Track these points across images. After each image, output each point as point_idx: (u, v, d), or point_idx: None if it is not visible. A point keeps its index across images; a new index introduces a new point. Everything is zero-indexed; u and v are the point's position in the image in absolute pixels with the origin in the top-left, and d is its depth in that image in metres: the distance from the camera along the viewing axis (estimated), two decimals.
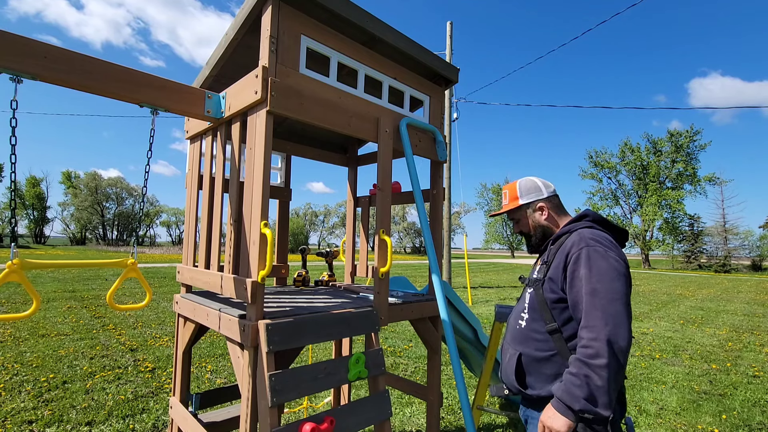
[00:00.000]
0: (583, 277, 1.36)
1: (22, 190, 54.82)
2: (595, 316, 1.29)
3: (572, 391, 1.26)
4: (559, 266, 1.46)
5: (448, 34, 14.04)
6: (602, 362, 1.24)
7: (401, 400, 3.84)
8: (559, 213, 1.67)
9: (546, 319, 1.46)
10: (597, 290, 1.32)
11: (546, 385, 1.44)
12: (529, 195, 1.68)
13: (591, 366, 1.25)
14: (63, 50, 1.44)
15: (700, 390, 4.47)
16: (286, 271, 2.90)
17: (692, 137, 40.58)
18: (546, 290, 1.48)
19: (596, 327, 1.28)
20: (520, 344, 1.53)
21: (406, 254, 67.36)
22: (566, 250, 1.45)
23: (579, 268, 1.38)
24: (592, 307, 1.31)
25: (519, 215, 1.71)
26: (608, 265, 1.35)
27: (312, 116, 1.73)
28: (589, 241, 1.41)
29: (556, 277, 1.46)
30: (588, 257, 1.37)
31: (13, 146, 1.40)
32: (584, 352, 1.28)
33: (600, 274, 1.34)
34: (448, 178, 13.54)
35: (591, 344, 1.27)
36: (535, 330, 1.49)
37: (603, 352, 1.24)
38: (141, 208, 1.94)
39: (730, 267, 36.27)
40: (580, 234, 1.47)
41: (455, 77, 2.48)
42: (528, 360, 1.49)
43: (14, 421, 3.19)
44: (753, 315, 10.04)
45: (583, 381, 1.25)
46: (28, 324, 6.43)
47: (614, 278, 1.33)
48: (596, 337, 1.26)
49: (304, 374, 1.50)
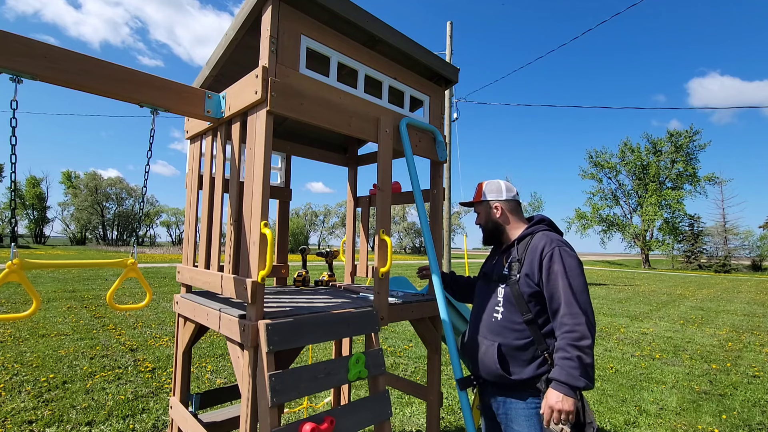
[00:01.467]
0: (558, 272, 1.58)
1: (22, 190, 54.79)
2: (574, 305, 1.52)
3: (572, 373, 1.45)
4: (533, 263, 1.66)
5: (448, 34, 14.04)
6: (588, 342, 1.47)
7: (401, 400, 3.84)
8: (513, 215, 1.89)
9: (522, 311, 1.65)
10: (572, 284, 1.55)
11: (524, 369, 1.63)
12: (490, 194, 1.92)
13: (580, 347, 1.46)
14: (63, 50, 1.44)
15: (700, 390, 4.47)
16: (286, 271, 2.90)
17: (692, 137, 40.59)
18: (522, 285, 1.67)
19: (577, 314, 1.51)
20: (497, 335, 1.70)
21: (406, 254, 67.34)
22: (538, 250, 1.66)
23: (553, 264, 1.60)
24: (571, 298, 1.53)
25: (479, 209, 1.96)
26: (576, 263, 1.61)
27: (312, 116, 1.73)
28: (558, 242, 1.66)
29: (531, 273, 1.65)
30: (560, 255, 1.61)
31: (13, 146, 1.39)
32: (572, 336, 1.48)
33: (571, 269, 1.58)
34: (448, 178, 13.54)
35: (576, 328, 1.49)
36: (512, 321, 1.67)
37: (587, 334, 1.48)
38: (141, 208, 1.94)
39: (730, 267, 36.28)
40: (547, 236, 1.70)
41: (455, 77, 2.48)
42: (507, 349, 1.66)
43: (14, 421, 3.19)
44: (753, 315, 10.03)
45: (577, 362, 1.45)
46: (28, 324, 6.43)
47: (581, 273, 1.60)
48: (579, 322, 1.49)
49: (304, 374, 1.50)
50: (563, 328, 1.51)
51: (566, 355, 1.47)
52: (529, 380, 1.62)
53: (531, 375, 1.61)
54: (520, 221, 1.89)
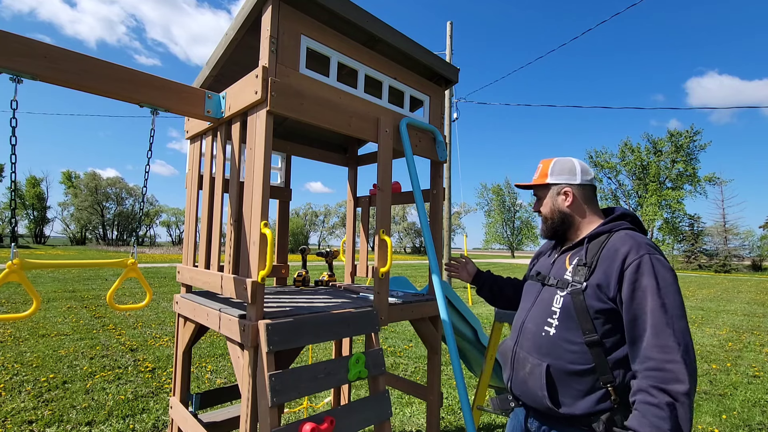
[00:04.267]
0: (648, 288, 1.21)
1: (22, 190, 54.82)
2: (667, 334, 1.15)
3: (659, 425, 1.10)
4: (610, 272, 1.27)
5: (448, 34, 14.04)
6: (684, 389, 1.10)
7: (401, 400, 3.85)
8: (588, 205, 1.49)
9: (585, 329, 1.28)
10: (666, 305, 1.18)
11: (576, 401, 1.28)
12: (560, 176, 1.50)
13: (672, 393, 1.11)
14: (63, 50, 1.44)
15: (700, 390, 4.47)
16: (286, 271, 2.90)
17: (692, 137, 40.59)
18: (590, 297, 1.29)
19: (670, 347, 1.14)
20: (547, 355, 1.34)
21: (406, 254, 67.36)
22: (620, 255, 1.28)
23: (641, 277, 1.22)
24: (663, 324, 1.17)
25: (543, 193, 1.55)
26: (673, 277, 1.23)
27: (312, 116, 1.73)
28: (648, 248, 1.27)
29: (606, 285, 1.27)
30: (651, 266, 1.23)
31: (13, 146, 1.39)
32: (661, 377, 1.13)
33: (666, 286, 1.20)
34: (448, 178, 13.55)
35: (667, 366, 1.13)
36: (569, 340, 1.31)
37: (684, 377, 1.11)
38: (141, 208, 1.94)
39: (730, 267, 36.28)
40: (633, 237, 1.31)
41: (455, 77, 2.48)
42: (558, 373, 1.31)
43: (14, 421, 3.19)
44: (753, 315, 10.04)
45: (667, 412, 1.10)
46: (28, 324, 6.43)
47: (677, 291, 1.21)
48: (673, 359, 1.13)
49: (304, 374, 1.50)
50: (647, 363, 1.16)
51: (651, 400, 1.12)
52: (583, 417, 1.27)
53: (587, 411, 1.26)
54: (595, 214, 1.48)
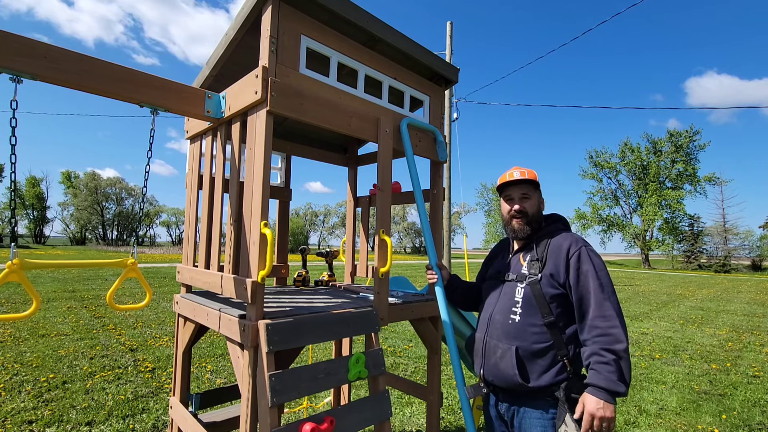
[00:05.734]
0: (588, 272, 1.50)
1: (22, 190, 54.79)
2: (607, 307, 1.44)
3: (611, 377, 1.37)
4: (558, 263, 1.56)
5: (448, 34, 14.04)
6: (624, 346, 1.39)
7: (401, 400, 3.84)
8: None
9: (544, 312, 1.55)
10: (603, 284, 1.48)
11: (541, 375, 1.52)
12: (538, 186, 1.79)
13: (616, 351, 1.38)
14: (63, 50, 1.44)
15: (700, 390, 4.47)
16: (286, 271, 2.90)
17: (692, 137, 40.59)
18: (545, 285, 1.57)
19: (610, 316, 1.43)
20: (514, 338, 1.58)
21: (406, 254, 67.34)
22: (564, 249, 1.58)
23: (582, 264, 1.52)
24: (603, 299, 1.45)
25: (533, 193, 1.75)
26: (603, 263, 1.54)
27: (312, 116, 1.73)
28: (584, 242, 1.59)
29: (557, 272, 1.56)
30: (588, 255, 1.54)
31: (13, 146, 1.39)
32: (606, 340, 1.40)
33: (601, 270, 1.51)
34: (448, 178, 13.55)
35: (610, 331, 1.41)
36: (531, 324, 1.56)
37: (622, 337, 1.40)
38: (141, 208, 1.94)
39: (730, 267, 36.28)
40: (571, 236, 1.64)
41: (455, 77, 2.48)
42: (525, 353, 1.55)
43: (14, 421, 3.19)
44: (753, 315, 10.04)
45: (615, 366, 1.37)
46: (28, 324, 6.43)
47: (608, 273, 1.54)
48: (613, 324, 1.42)
49: (304, 374, 1.50)
50: (594, 331, 1.43)
51: (602, 359, 1.39)
52: (547, 388, 1.51)
53: (549, 382, 1.51)
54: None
